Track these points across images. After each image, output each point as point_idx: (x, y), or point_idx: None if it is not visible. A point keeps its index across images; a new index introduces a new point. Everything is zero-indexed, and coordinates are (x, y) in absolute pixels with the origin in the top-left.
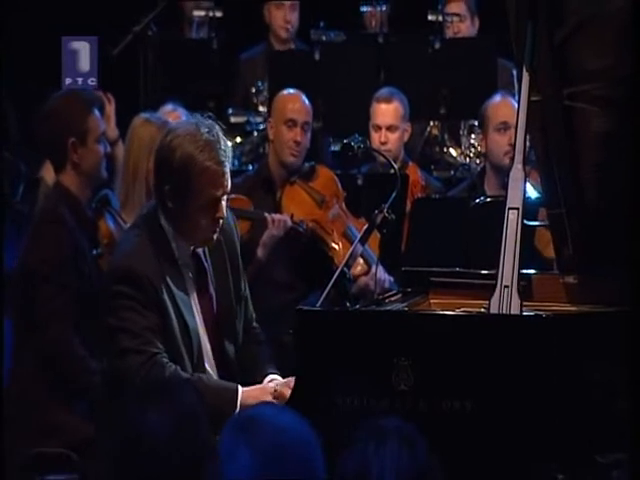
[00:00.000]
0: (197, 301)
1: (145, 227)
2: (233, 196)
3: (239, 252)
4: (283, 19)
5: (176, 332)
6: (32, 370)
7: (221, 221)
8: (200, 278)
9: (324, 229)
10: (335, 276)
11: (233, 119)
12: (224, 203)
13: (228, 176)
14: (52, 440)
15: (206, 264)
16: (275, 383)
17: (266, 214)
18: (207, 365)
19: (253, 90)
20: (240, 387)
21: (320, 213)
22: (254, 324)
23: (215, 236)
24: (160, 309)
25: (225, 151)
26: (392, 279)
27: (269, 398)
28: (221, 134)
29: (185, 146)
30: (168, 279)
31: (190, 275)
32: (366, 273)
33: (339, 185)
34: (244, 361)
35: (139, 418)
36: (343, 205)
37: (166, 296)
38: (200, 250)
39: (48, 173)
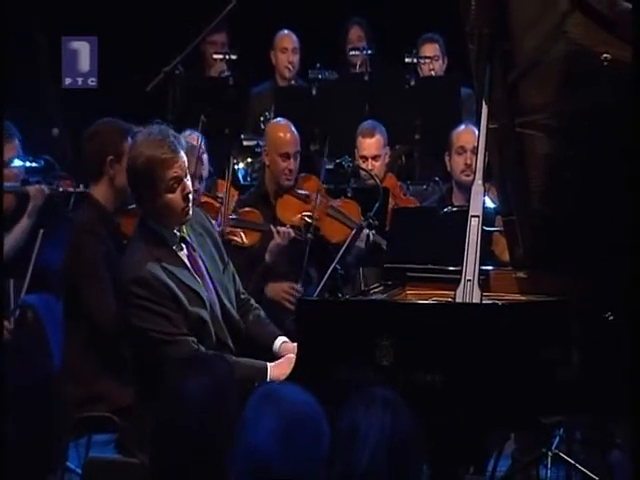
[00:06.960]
0: (194, 272)
1: (138, 234)
2: (247, 209)
3: (213, 230)
4: (286, 61)
5: (194, 310)
6: (80, 348)
7: (190, 196)
8: (190, 254)
9: (313, 217)
10: (328, 273)
11: (245, 143)
12: (187, 182)
13: (185, 159)
14: (98, 405)
15: (191, 241)
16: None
17: (272, 227)
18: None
19: (262, 119)
20: (269, 365)
21: (307, 207)
22: (250, 300)
23: (190, 212)
24: (175, 298)
25: (174, 141)
26: (374, 232)
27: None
28: (170, 130)
29: (144, 151)
30: (168, 265)
31: (184, 252)
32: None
33: (317, 180)
34: (251, 328)
35: (178, 387)
36: (323, 192)
37: (173, 284)
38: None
39: None
